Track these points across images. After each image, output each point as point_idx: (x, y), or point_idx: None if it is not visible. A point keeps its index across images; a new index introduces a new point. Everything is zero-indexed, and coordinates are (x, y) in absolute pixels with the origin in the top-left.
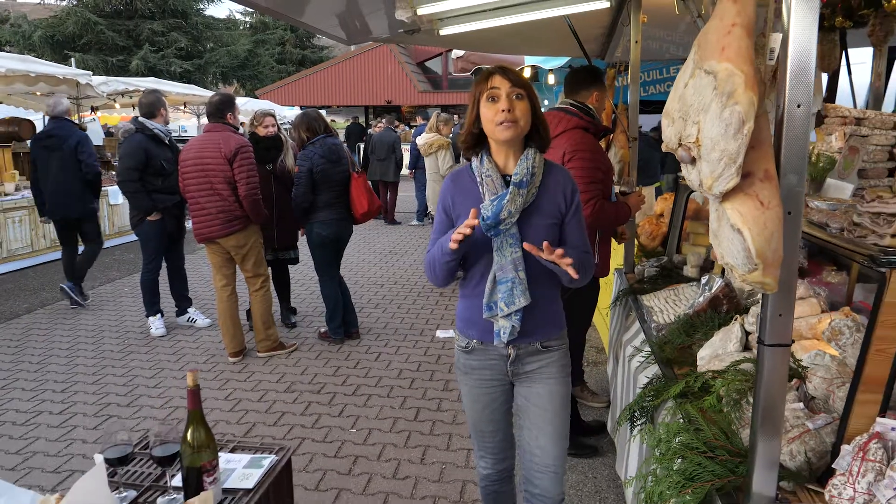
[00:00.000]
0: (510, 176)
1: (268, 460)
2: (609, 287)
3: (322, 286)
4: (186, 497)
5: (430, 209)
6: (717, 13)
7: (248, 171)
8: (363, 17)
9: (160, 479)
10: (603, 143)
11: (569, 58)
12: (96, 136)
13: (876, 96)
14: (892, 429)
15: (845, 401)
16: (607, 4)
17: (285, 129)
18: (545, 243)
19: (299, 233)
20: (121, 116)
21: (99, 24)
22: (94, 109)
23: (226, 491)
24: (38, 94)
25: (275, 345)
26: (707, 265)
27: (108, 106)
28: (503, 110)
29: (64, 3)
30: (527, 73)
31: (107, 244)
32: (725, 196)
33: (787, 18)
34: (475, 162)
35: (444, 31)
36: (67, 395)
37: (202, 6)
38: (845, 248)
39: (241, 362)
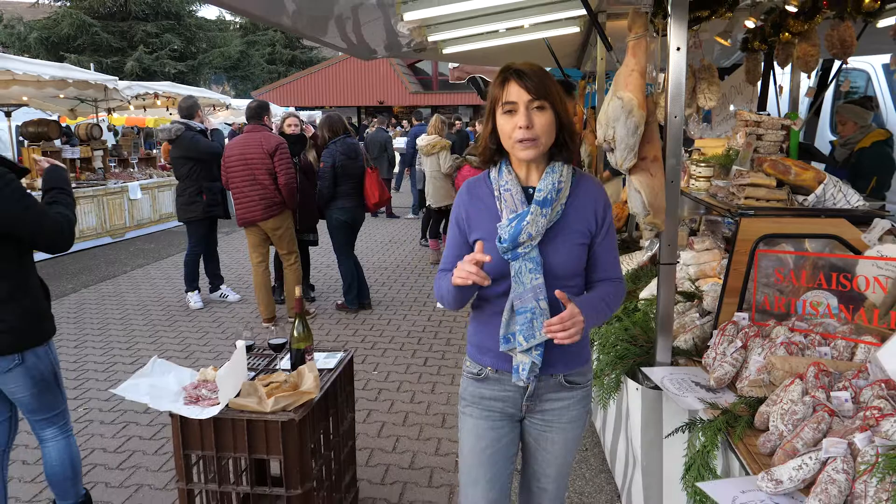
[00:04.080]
0: (533, 189)
1: (340, 354)
2: None
3: (340, 264)
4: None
5: (427, 202)
6: (624, 62)
7: (287, 163)
8: (376, 39)
9: (269, 365)
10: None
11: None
12: (111, 137)
13: (793, 103)
14: (743, 318)
15: (717, 304)
16: (577, 30)
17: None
18: (559, 294)
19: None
20: (126, 118)
21: (94, 25)
22: (109, 111)
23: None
24: (62, 96)
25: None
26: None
27: (122, 108)
28: (521, 126)
29: (57, 5)
30: None
31: (127, 236)
32: (630, 171)
33: (668, 64)
34: (493, 172)
35: (446, 51)
36: (133, 352)
37: (195, 8)
38: (719, 206)
39: (275, 327)
